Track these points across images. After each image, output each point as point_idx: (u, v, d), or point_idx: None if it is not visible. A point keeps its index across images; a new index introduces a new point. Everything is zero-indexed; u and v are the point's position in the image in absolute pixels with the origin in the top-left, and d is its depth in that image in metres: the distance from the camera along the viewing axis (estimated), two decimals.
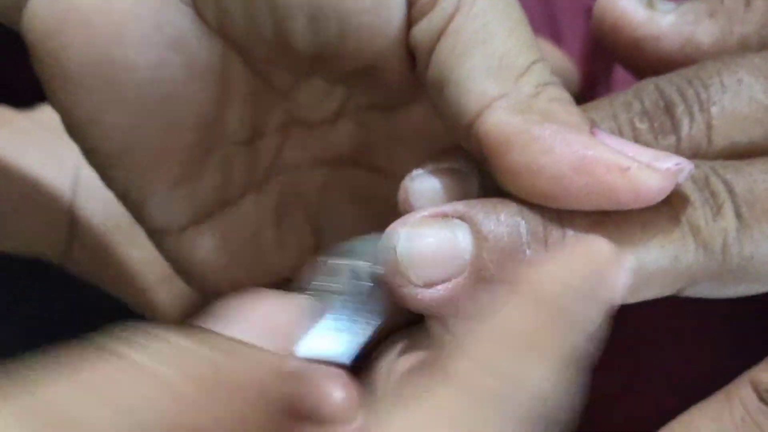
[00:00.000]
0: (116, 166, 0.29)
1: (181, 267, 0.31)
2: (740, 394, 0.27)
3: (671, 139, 0.27)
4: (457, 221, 0.25)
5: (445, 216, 0.25)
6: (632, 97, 0.27)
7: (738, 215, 0.25)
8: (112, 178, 0.30)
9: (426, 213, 0.25)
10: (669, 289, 0.25)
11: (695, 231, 0.25)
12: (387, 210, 0.30)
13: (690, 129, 0.27)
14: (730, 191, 0.25)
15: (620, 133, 0.27)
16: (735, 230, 0.25)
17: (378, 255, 0.26)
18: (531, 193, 0.25)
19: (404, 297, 0.25)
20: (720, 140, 0.27)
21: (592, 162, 0.24)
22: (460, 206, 0.25)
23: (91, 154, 0.29)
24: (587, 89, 0.38)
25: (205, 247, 0.29)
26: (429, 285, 0.25)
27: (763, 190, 0.25)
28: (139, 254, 0.37)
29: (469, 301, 0.25)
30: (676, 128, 0.27)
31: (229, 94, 0.29)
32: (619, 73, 0.37)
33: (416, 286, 0.25)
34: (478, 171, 0.27)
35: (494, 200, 0.25)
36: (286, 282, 0.34)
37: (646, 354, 0.33)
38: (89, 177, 0.31)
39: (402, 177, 0.29)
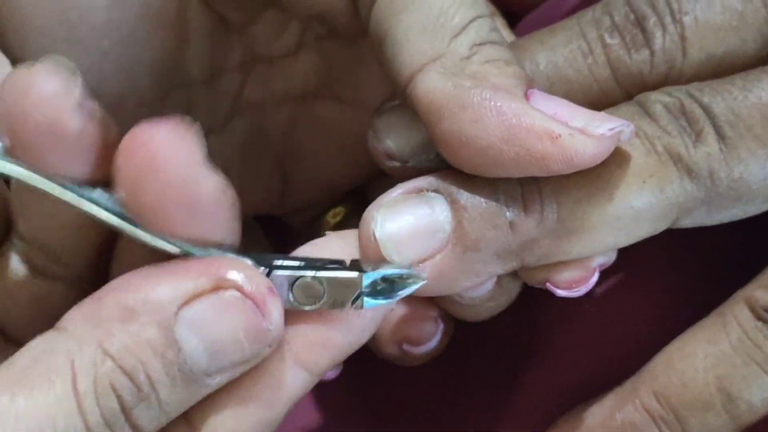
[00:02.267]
0: None
1: None
2: (735, 314, 0.26)
3: (645, 54, 0.26)
4: (433, 194, 0.25)
5: (419, 191, 0.25)
6: (601, 12, 0.27)
7: (721, 137, 0.25)
8: None
9: (400, 191, 0.25)
10: (662, 224, 0.25)
11: (676, 159, 0.25)
12: (356, 142, 0.29)
13: (663, 42, 0.26)
14: (710, 114, 0.25)
15: (591, 52, 0.26)
16: (719, 153, 0.25)
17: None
18: (464, 163, 0.24)
19: None
20: (695, 52, 0.26)
21: (521, 131, 0.23)
22: (433, 179, 0.25)
23: None
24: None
25: None
26: (414, 265, 0.24)
27: (744, 107, 0.25)
28: None
29: (458, 275, 0.25)
30: (648, 41, 0.26)
31: (186, 34, 0.29)
32: None
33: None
34: None
35: None
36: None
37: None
38: None
39: (369, 106, 0.28)
